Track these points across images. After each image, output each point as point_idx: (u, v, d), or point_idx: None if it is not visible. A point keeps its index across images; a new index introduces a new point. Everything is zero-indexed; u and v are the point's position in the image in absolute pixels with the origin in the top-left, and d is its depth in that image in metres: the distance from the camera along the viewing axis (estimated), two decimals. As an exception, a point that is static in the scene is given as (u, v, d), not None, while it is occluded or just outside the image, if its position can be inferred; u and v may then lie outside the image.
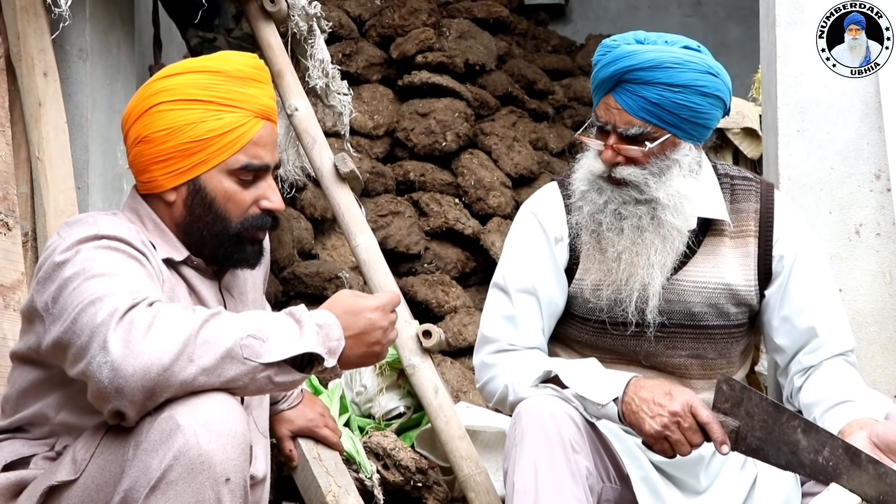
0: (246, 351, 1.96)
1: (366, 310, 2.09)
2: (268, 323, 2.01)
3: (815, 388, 2.59)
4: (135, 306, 1.96)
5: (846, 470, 2.20)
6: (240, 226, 2.28)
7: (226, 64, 2.29)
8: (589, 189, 2.63)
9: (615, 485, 2.57)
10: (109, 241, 2.12)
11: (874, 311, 3.12)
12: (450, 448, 3.30)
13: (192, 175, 2.25)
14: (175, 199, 2.27)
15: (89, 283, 2.02)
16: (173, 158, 2.24)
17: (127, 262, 2.10)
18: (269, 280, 2.62)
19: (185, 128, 2.22)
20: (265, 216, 2.30)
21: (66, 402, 2.16)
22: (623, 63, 2.53)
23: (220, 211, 2.26)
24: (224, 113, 2.24)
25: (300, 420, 2.88)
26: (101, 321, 1.94)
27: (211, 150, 2.23)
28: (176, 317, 1.96)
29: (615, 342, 2.68)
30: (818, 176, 3.16)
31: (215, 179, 2.25)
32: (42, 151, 3.35)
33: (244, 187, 2.27)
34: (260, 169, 2.28)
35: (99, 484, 2.02)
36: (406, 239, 5.28)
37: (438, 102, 5.63)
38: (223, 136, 2.23)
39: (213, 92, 2.24)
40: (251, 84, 2.29)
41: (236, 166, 2.25)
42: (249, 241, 2.30)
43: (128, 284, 2.02)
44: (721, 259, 2.67)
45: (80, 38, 3.57)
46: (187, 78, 2.26)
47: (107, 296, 1.98)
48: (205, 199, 2.25)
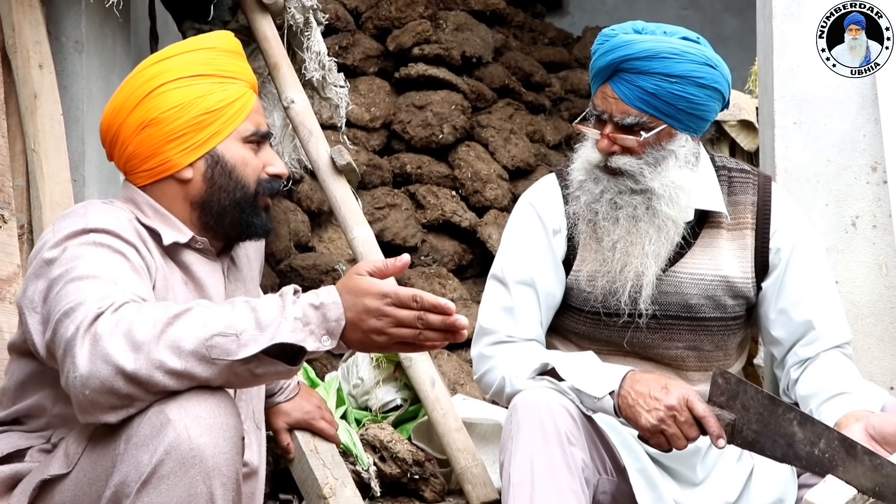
0: (214, 351, 1.93)
1: (366, 293, 1.98)
2: (243, 312, 1.96)
3: (812, 380, 2.60)
4: (100, 315, 1.95)
5: (842, 462, 2.20)
6: (257, 189, 2.34)
7: (215, 40, 2.37)
8: (586, 179, 2.63)
9: (612, 477, 2.57)
10: (96, 235, 2.13)
11: (870, 303, 3.12)
12: (446, 440, 3.30)
13: (209, 147, 2.29)
14: (192, 176, 2.30)
15: (69, 288, 2.03)
16: (187, 133, 2.27)
17: (110, 258, 2.10)
18: (265, 273, 2.63)
19: (194, 101, 2.27)
20: (275, 180, 2.37)
21: (62, 393, 2.15)
22: (620, 52, 2.54)
23: (241, 177, 2.32)
24: (227, 84, 2.31)
25: (297, 412, 2.87)
26: (71, 335, 1.95)
27: (223, 119, 2.29)
28: (139, 321, 1.94)
29: (610, 333, 2.68)
30: (814, 168, 3.16)
31: (232, 148, 2.31)
32: (38, 144, 3.35)
33: (255, 153, 2.34)
34: (264, 136, 2.36)
35: (91, 478, 2.02)
36: (403, 231, 5.28)
37: (435, 95, 5.63)
38: (231, 104, 2.30)
39: (213, 66, 2.31)
40: (239, 58, 2.38)
41: (247, 133, 2.32)
42: (264, 206, 2.36)
43: (100, 289, 2.02)
44: (718, 251, 2.67)
45: (76, 30, 3.57)
46: (184, 57, 2.31)
47: (78, 306, 1.98)
48: (225, 168, 2.30)
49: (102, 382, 1.91)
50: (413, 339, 1.99)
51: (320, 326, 1.97)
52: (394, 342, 2.01)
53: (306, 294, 2.01)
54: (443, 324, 1.98)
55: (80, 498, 2.03)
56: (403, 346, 2.03)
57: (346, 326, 1.98)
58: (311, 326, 1.97)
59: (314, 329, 1.97)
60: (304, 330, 1.96)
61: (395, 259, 2.02)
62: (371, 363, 3.64)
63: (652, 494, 2.54)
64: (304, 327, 1.96)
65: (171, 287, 2.25)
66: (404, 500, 3.31)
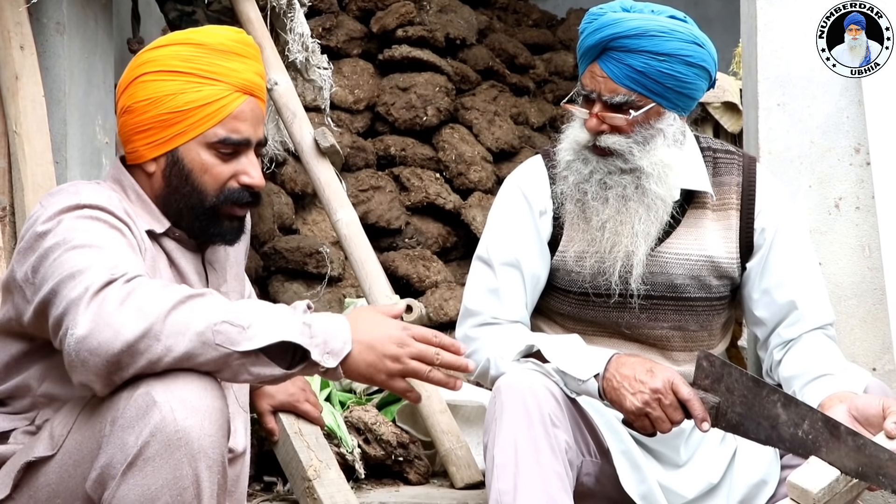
0: (219, 337, 1.93)
1: (391, 320, 2.08)
2: (254, 310, 1.97)
3: (795, 361, 2.60)
4: (112, 282, 1.95)
5: (825, 443, 2.20)
6: (216, 199, 2.26)
7: (209, 37, 2.29)
8: (574, 159, 2.62)
9: (595, 459, 2.57)
10: (91, 211, 2.11)
11: (853, 285, 3.13)
12: (431, 422, 3.30)
13: (171, 146, 2.24)
14: (154, 171, 2.27)
15: (70, 255, 2.01)
16: (153, 129, 2.24)
17: (109, 233, 2.09)
18: (249, 255, 2.62)
19: (164, 99, 2.22)
20: (243, 191, 2.28)
21: (48, 372, 2.15)
22: (608, 31, 2.53)
23: (197, 183, 2.25)
24: (203, 85, 2.23)
25: (281, 395, 2.87)
26: (77, 295, 1.93)
27: (189, 121, 2.23)
28: (151, 294, 1.94)
29: (597, 314, 2.68)
30: (798, 150, 3.17)
31: (193, 151, 2.24)
32: (19, 125, 3.33)
33: (223, 161, 2.26)
34: (239, 144, 2.26)
35: (76, 460, 2.02)
36: (387, 214, 5.27)
37: (419, 77, 5.62)
38: (201, 108, 2.23)
39: (193, 64, 2.24)
40: (233, 58, 2.27)
41: (214, 139, 2.24)
42: (227, 216, 2.29)
43: (108, 258, 2.01)
44: (703, 231, 2.67)
45: (58, 12, 3.55)
46: (170, 50, 2.26)
47: (86, 269, 1.97)
48: (182, 171, 2.25)
49: (100, 344, 1.90)
50: (422, 374, 2.06)
51: (326, 344, 1.99)
52: (400, 373, 2.05)
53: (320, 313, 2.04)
54: (455, 363, 2.08)
55: (66, 480, 2.03)
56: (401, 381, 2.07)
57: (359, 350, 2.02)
58: (316, 340, 1.99)
59: (319, 343, 1.99)
60: (311, 341, 1.98)
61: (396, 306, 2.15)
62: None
63: (635, 476, 2.55)
64: (311, 339, 1.98)
65: (158, 269, 2.24)
66: (389, 481, 3.31)
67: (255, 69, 2.30)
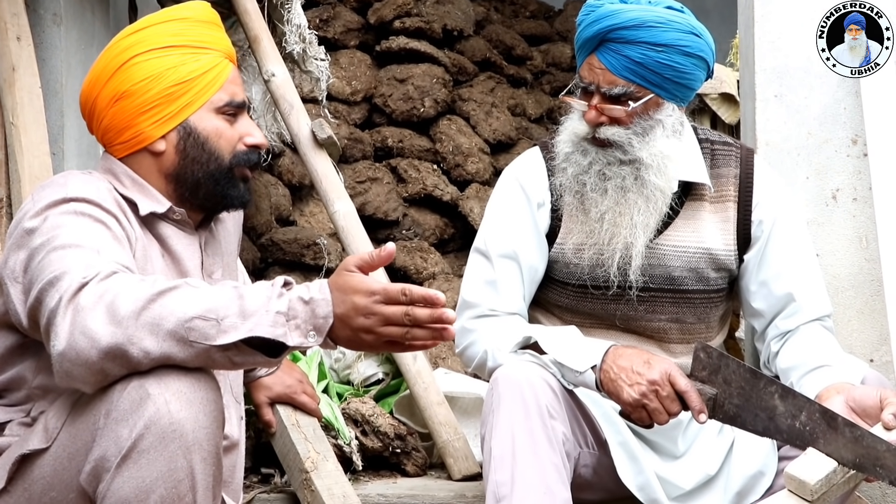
0: (192, 334, 1.90)
1: (355, 291, 1.93)
2: (228, 297, 1.92)
3: (792, 353, 2.60)
4: (85, 285, 1.94)
5: (823, 434, 2.21)
6: (232, 161, 2.32)
7: (189, 11, 2.35)
8: (573, 151, 2.62)
9: (593, 450, 2.58)
10: (77, 205, 2.12)
11: (850, 276, 3.13)
12: (428, 414, 3.30)
13: (181, 118, 2.28)
14: (165, 148, 2.28)
15: (51, 257, 2.02)
16: (159, 105, 2.26)
17: (92, 227, 2.10)
18: (246, 247, 2.61)
19: (165, 73, 2.26)
20: (251, 152, 2.34)
21: (43, 364, 2.15)
22: (607, 22, 2.53)
23: (214, 149, 2.30)
24: (200, 55, 2.29)
25: (278, 387, 2.87)
26: (55, 305, 1.94)
27: (195, 90, 2.28)
28: (123, 293, 1.91)
29: (595, 306, 2.68)
30: (795, 141, 3.16)
31: (205, 119, 2.29)
32: (16, 117, 3.33)
33: (230, 124, 2.32)
34: (240, 106, 2.34)
35: (70, 452, 2.01)
36: (384, 205, 5.27)
37: (416, 68, 5.61)
38: (203, 75, 2.28)
39: (185, 37, 2.29)
40: (214, 27, 2.36)
41: (220, 104, 2.31)
42: (241, 177, 2.34)
43: (85, 258, 2.00)
44: (701, 223, 2.67)
45: (54, 3, 3.54)
46: (156, 28, 2.30)
47: (63, 274, 1.97)
48: (198, 140, 2.29)
49: (78, 354, 1.90)
50: (401, 338, 1.95)
51: (307, 322, 1.92)
52: (382, 341, 1.95)
53: (298, 287, 1.96)
54: (430, 317, 1.93)
55: (60, 473, 2.02)
56: (392, 345, 1.98)
57: (335, 325, 1.93)
58: (297, 321, 1.92)
59: (300, 324, 1.92)
60: (287, 325, 1.91)
61: (381, 249, 1.97)
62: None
63: (633, 467, 2.55)
64: (289, 322, 1.91)
65: (149, 258, 2.24)
66: (386, 473, 3.31)
67: (227, 38, 2.40)
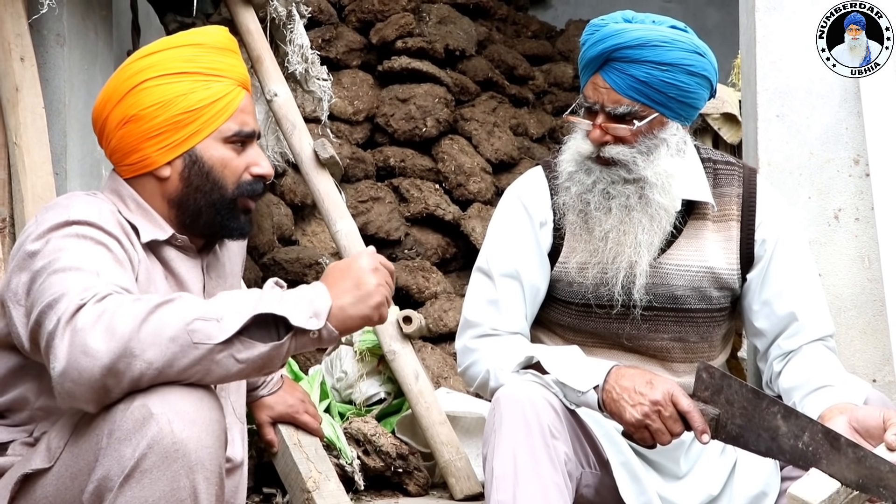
0: (195, 336, 1.91)
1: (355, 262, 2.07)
2: (224, 301, 1.96)
3: (795, 372, 2.60)
4: (82, 307, 1.94)
5: (826, 455, 2.20)
6: (235, 192, 2.31)
7: (204, 37, 2.33)
8: (577, 170, 2.62)
9: (595, 470, 2.57)
10: (79, 227, 2.12)
11: (853, 296, 3.13)
12: (430, 434, 3.30)
13: (187, 146, 2.27)
14: (170, 174, 2.28)
15: (51, 280, 2.01)
16: (166, 132, 2.25)
17: (93, 250, 2.09)
18: (249, 266, 2.62)
19: (175, 100, 2.24)
20: (257, 182, 2.33)
21: (45, 385, 2.14)
22: (611, 41, 2.54)
23: (218, 179, 2.28)
24: (211, 82, 2.27)
25: (280, 406, 2.87)
26: (53, 327, 1.94)
27: (203, 119, 2.26)
28: (121, 311, 1.92)
29: (598, 325, 2.67)
30: (797, 161, 3.17)
31: (211, 148, 2.28)
32: (19, 137, 3.33)
33: (238, 153, 2.31)
34: (249, 135, 2.32)
35: (73, 472, 2.01)
36: (386, 225, 5.27)
37: (418, 88, 5.62)
38: (213, 104, 2.26)
39: (197, 63, 2.27)
40: (230, 55, 2.33)
41: (229, 134, 2.29)
42: (243, 209, 2.33)
43: (83, 280, 2.00)
44: (704, 243, 2.67)
45: (58, 23, 3.55)
46: (170, 53, 2.28)
47: (61, 297, 1.97)
48: (202, 169, 2.27)
49: (80, 373, 1.89)
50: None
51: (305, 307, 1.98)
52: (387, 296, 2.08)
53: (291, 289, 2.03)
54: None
55: (63, 492, 2.02)
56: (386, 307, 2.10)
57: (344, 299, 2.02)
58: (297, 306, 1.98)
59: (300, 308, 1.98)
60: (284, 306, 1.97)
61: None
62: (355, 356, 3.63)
63: (635, 488, 2.54)
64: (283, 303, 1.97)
65: (153, 280, 2.24)
66: (388, 493, 3.31)
67: (243, 64, 2.38)
